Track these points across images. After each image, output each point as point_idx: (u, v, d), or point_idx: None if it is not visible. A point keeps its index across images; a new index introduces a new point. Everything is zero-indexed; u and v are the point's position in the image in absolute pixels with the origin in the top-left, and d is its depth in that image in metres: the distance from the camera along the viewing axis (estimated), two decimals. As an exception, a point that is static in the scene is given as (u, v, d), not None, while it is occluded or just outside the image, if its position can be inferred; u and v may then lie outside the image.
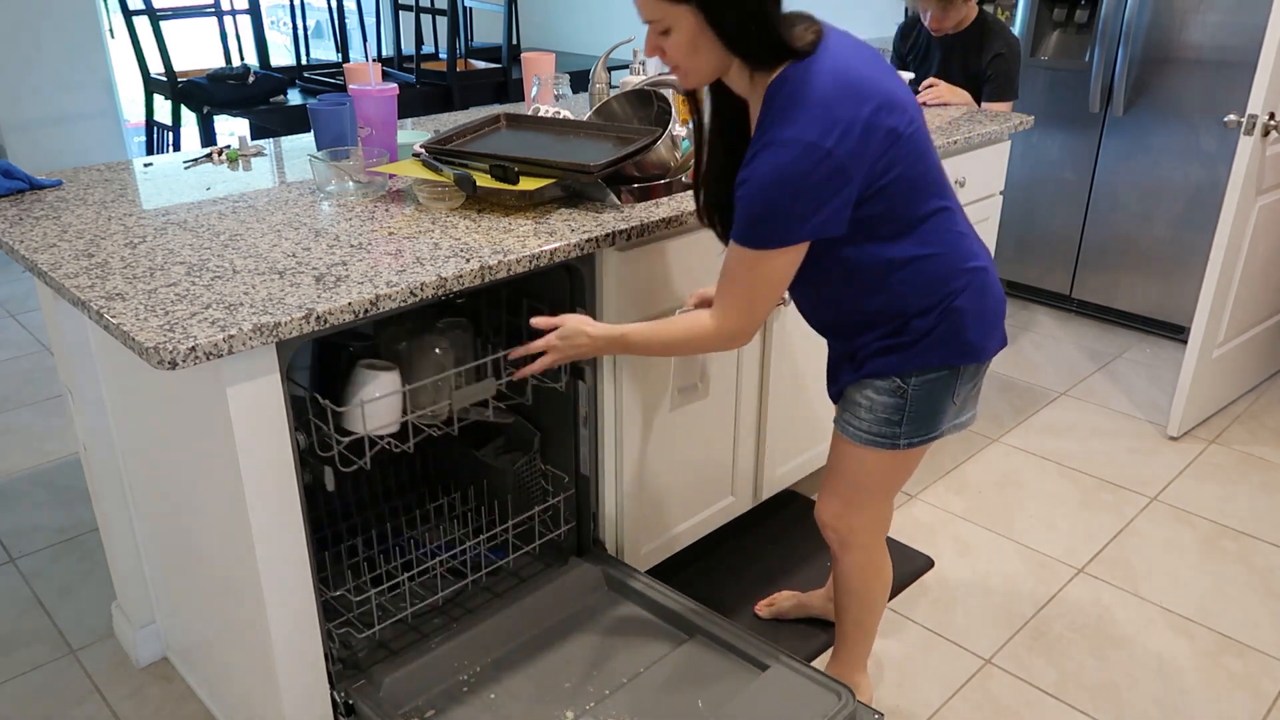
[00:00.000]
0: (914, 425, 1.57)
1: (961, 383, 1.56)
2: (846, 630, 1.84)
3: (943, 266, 1.48)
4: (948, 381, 1.54)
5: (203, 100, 3.98)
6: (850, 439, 1.63)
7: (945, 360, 1.52)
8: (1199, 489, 2.70)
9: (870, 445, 1.60)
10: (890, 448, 1.60)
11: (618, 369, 1.83)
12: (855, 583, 1.78)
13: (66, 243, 1.58)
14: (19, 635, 2.14)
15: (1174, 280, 3.55)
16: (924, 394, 1.54)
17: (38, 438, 2.95)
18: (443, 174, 1.75)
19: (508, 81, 4.48)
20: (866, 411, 1.58)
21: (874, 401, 1.57)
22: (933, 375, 1.53)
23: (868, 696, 1.91)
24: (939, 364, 1.52)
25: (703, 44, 1.34)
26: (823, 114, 1.31)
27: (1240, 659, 2.09)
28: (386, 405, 1.58)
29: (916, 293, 1.48)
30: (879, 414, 1.57)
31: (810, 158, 1.30)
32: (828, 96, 1.32)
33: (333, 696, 1.60)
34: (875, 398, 1.56)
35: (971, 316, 1.51)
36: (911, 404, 1.55)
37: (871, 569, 1.76)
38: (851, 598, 1.80)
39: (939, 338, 1.50)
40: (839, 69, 1.34)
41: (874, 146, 1.35)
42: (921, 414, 1.56)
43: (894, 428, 1.57)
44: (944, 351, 1.51)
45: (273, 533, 1.42)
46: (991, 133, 2.54)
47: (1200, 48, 3.27)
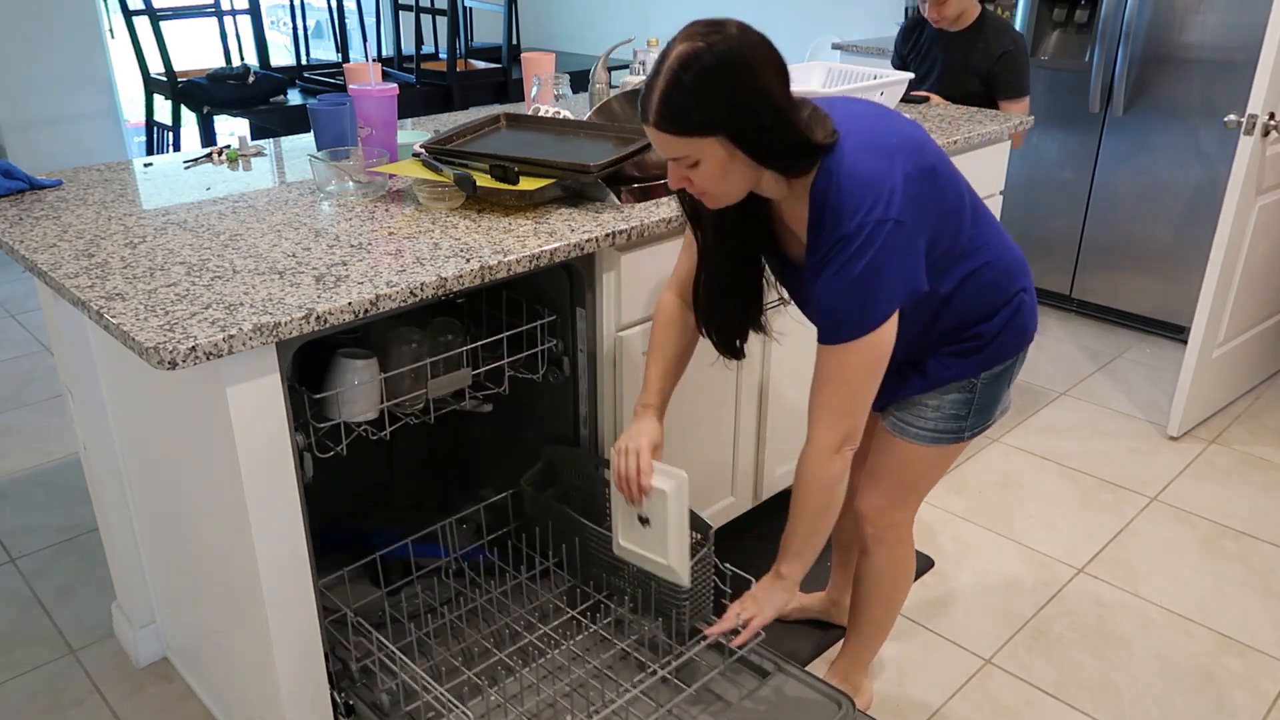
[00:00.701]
0: (978, 416, 1.62)
1: (1018, 365, 1.62)
2: (863, 628, 1.84)
3: (996, 270, 1.52)
4: (1010, 369, 1.60)
5: (203, 100, 3.98)
6: (911, 439, 1.64)
7: (1011, 352, 1.58)
8: (1199, 489, 2.70)
9: (934, 443, 1.63)
10: (954, 441, 1.63)
11: (617, 368, 1.83)
12: (884, 580, 1.78)
13: (66, 243, 1.58)
14: (19, 635, 2.14)
15: (1174, 280, 3.55)
16: (990, 386, 1.59)
17: (38, 438, 2.95)
18: (443, 174, 1.75)
19: (508, 81, 4.48)
20: (934, 411, 1.61)
21: (942, 400, 1.60)
22: (999, 368, 1.58)
23: (868, 697, 1.91)
24: (1008, 358, 1.57)
25: (733, 168, 1.33)
26: (874, 189, 1.32)
27: (1240, 659, 2.09)
28: (363, 392, 1.59)
29: (980, 303, 1.52)
30: (947, 411, 1.60)
31: (883, 232, 1.31)
32: (869, 172, 1.33)
33: (333, 696, 1.60)
34: (944, 397, 1.59)
35: (1029, 305, 1.57)
36: (979, 398, 1.60)
37: (902, 566, 1.78)
38: (877, 594, 1.80)
39: (1007, 334, 1.55)
40: (863, 141, 1.36)
41: (925, 192, 1.37)
42: (986, 405, 1.61)
43: (960, 422, 1.61)
44: (1011, 344, 1.57)
45: (273, 532, 1.42)
46: (991, 133, 2.54)
47: (1200, 48, 3.27)
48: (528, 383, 1.95)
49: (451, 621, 1.76)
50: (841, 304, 1.35)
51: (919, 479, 1.69)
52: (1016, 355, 1.59)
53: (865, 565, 1.79)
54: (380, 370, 1.63)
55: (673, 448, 2.04)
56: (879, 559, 1.76)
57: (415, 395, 1.70)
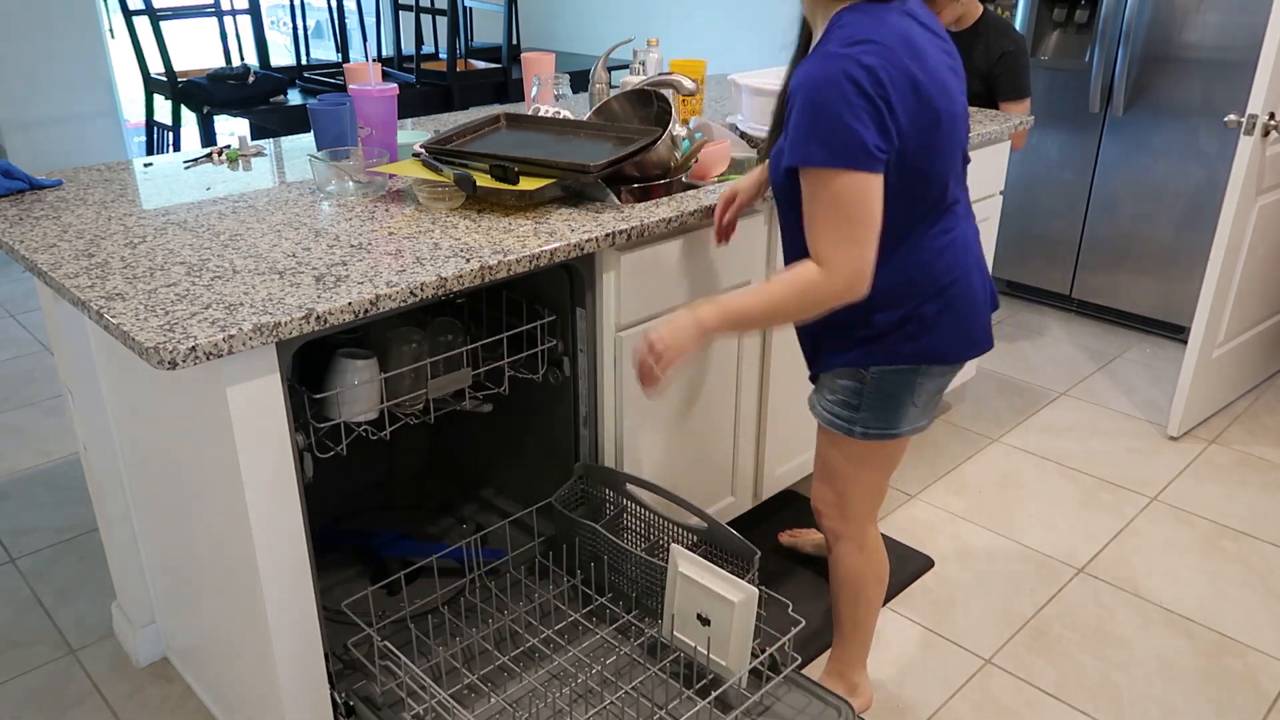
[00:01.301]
0: (872, 414, 1.58)
1: (923, 382, 1.56)
2: (843, 627, 1.85)
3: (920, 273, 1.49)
4: (908, 379, 1.55)
5: (203, 100, 3.98)
6: (817, 419, 1.67)
7: (906, 360, 1.53)
8: (1199, 489, 2.70)
9: (830, 428, 1.64)
10: (847, 434, 1.62)
11: (618, 368, 1.83)
12: (848, 575, 1.78)
13: (66, 243, 1.58)
14: (19, 635, 2.14)
15: (1174, 280, 3.55)
16: (880, 384, 1.56)
17: (38, 438, 2.95)
18: (443, 174, 1.75)
19: (508, 81, 4.48)
20: (830, 394, 1.63)
21: (835, 384, 1.61)
22: (891, 369, 1.54)
23: (866, 697, 1.91)
24: (900, 363, 1.53)
25: None
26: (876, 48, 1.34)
27: (1240, 659, 2.09)
28: (363, 392, 1.59)
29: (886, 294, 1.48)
30: (840, 395, 1.61)
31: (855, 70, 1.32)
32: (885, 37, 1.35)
33: (333, 696, 1.60)
34: (836, 380, 1.61)
35: (938, 327, 1.51)
36: (870, 392, 1.57)
37: (864, 561, 1.76)
38: (845, 590, 1.80)
39: (902, 339, 1.51)
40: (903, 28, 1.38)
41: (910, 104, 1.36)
42: (880, 407, 1.57)
43: (851, 412, 1.60)
44: (905, 352, 1.52)
45: (273, 532, 1.42)
46: (991, 133, 2.54)
47: (1200, 48, 3.27)
48: (528, 383, 1.95)
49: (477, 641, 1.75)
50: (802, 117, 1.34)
51: (843, 469, 1.68)
52: (915, 367, 1.53)
53: (830, 562, 1.81)
54: (380, 370, 1.63)
55: (674, 447, 2.04)
56: (838, 552, 1.77)
57: (415, 395, 1.71)
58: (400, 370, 1.67)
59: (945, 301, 1.51)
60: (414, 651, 1.70)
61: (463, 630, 1.77)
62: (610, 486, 1.86)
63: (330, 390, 1.58)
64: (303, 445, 1.49)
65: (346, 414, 1.60)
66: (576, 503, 1.89)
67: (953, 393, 3.19)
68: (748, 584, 1.54)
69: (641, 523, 1.84)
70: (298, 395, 1.57)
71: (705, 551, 1.72)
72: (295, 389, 1.57)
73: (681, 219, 1.79)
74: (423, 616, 1.79)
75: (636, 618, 1.78)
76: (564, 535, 1.84)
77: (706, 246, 1.91)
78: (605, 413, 1.86)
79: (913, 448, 2.88)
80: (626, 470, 1.93)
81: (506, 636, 1.77)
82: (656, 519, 1.81)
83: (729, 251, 1.96)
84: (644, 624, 1.77)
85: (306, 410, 1.58)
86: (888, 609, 2.21)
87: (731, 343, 2.07)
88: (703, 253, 1.91)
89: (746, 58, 4.74)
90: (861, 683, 1.90)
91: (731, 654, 1.57)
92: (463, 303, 1.96)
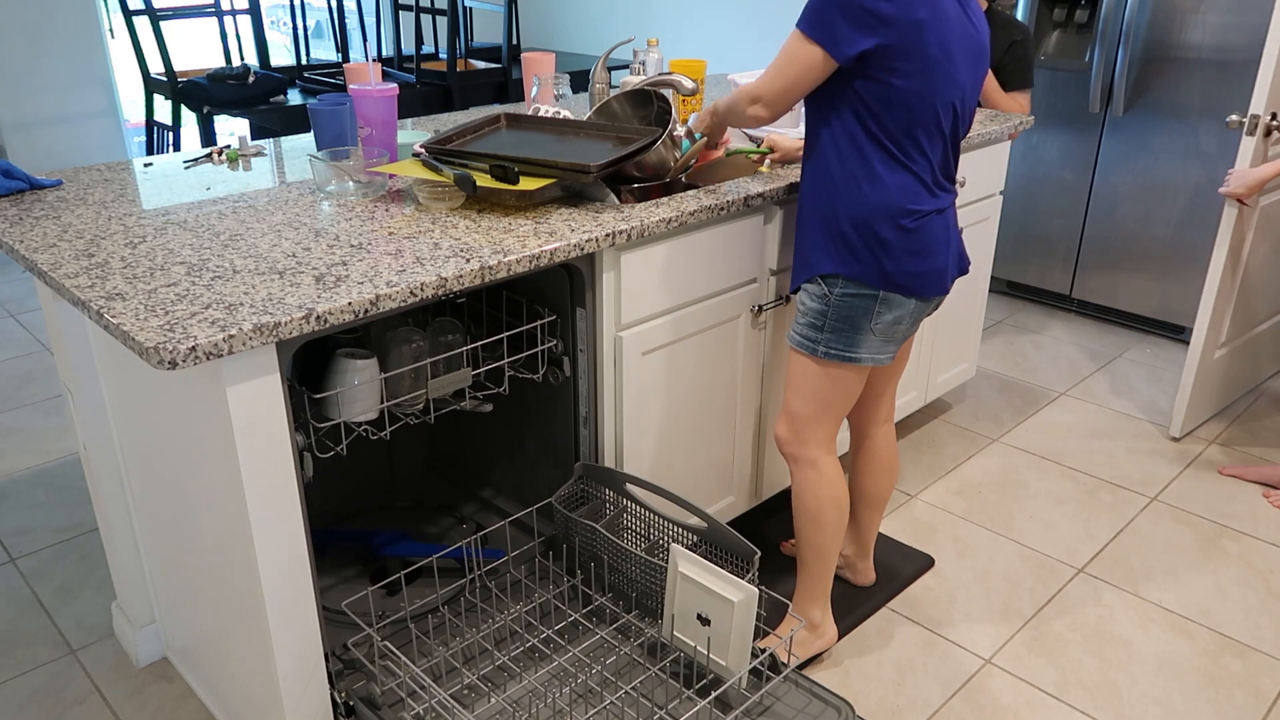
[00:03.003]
0: (834, 335, 1.76)
1: (881, 310, 1.73)
2: (805, 557, 1.93)
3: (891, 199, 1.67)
4: (868, 305, 1.72)
5: (203, 100, 3.98)
6: (790, 344, 1.83)
7: (868, 280, 1.70)
8: (1199, 489, 2.70)
9: (799, 348, 1.81)
10: (812, 353, 1.79)
11: (618, 368, 1.83)
12: (808, 499, 1.87)
13: (66, 243, 1.58)
14: (19, 635, 2.14)
15: (1174, 280, 3.55)
16: (843, 306, 1.73)
17: (38, 438, 2.95)
18: (443, 174, 1.75)
19: (508, 81, 4.48)
20: (802, 316, 1.80)
21: (806, 307, 1.79)
22: (853, 291, 1.72)
23: (829, 636, 1.96)
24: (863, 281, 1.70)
25: None
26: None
27: (1240, 659, 2.09)
28: (363, 392, 1.59)
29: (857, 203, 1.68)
30: (808, 318, 1.78)
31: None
32: None
33: (333, 696, 1.60)
34: (807, 302, 1.78)
35: (899, 254, 1.69)
36: (832, 312, 1.74)
37: (823, 485, 1.86)
38: (806, 517, 1.89)
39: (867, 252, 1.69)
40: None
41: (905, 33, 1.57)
42: (841, 326, 1.75)
43: (816, 333, 1.77)
44: (870, 273, 1.70)
45: (273, 532, 1.42)
46: (991, 133, 2.54)
47: (1200, 48, 3.27)
48: (528, 383, 1.95)
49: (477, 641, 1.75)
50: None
51: (804, 390, 1.83)
52: (875, 292, 1.71)
53: (792, 491, 1.92)
54: (380, 370, 1.63)
55: (674, 447, 2.04)
56: (798, 480, 1.89)
57: (415, 395, 1.71)
58: (400, 370, 1.67)
59: (907, 237, 1.69)
60: (414, 651, 1.70)
61: (463, 630, 1.77)
62: (610, 486, 1.86)
63: (330, 390, 1.58)
64: (303, 445, 1.49)
65: (346, 414, 1.60)
66: (576, 503, 1.89)
67: (953, 393, 3.19)
68: (748, 584, 1.54)
69: (641, 523, 1.84)
70: (298, 395, 1.57)
71: (705, 551, 1.72)
72: (295, 389, 1.57)
73: (681, 219, 1.79)
74: (423, 616, 1.79)
75: (636, 618, 1.78)
76: (564, 535, 1.84)
77: (706, 247, 1.91)
78: (605, 413, 1.86)
79: (913, 447, 2.88)
80: (626, 470, 1.93)
81: (506, 636, 1.77)
82: (656, 519, 1.81)
83: (729, 252, 1.96)
84: (644, 624, 1.77)
85: (306, 410, 1.58)
86: (887, 609, 2.21)
87: (731, 344, 2.07)
88: (703, 253, 1.91)
89: (746, 58, 4.74)
90: (823, 621, 1.96)
91: (731, 654, 1.57)
92: (463, 303, 1.96)
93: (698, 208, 1.81)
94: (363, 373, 1.59)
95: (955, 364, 2.91)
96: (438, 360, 1.72)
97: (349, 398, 1.59)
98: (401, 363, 1.69)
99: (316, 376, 1.61)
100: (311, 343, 1.58)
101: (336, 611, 1.74)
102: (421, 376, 1.71)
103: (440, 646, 1.72)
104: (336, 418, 1.61)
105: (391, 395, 1.68)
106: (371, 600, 1.81)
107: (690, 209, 1.80)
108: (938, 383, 2.86)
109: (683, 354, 1.96)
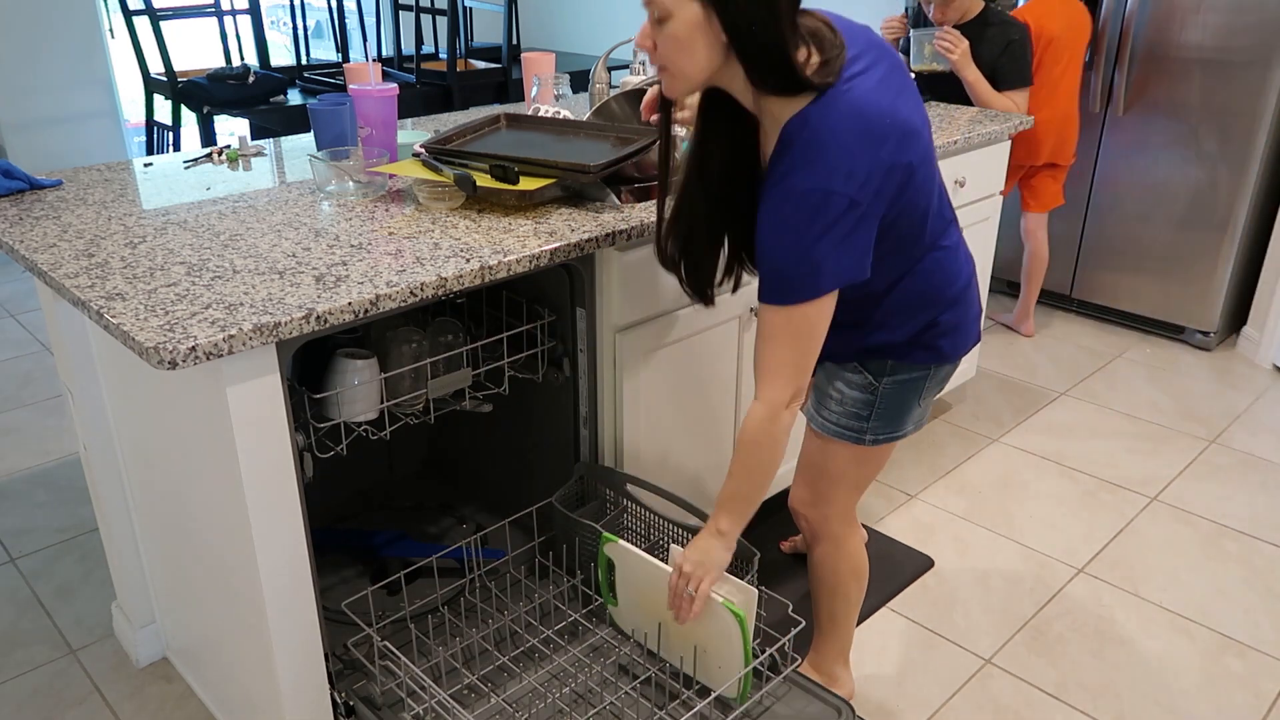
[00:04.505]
0: (881, 422, 1.61)
1: (931, 384, 1.60)
2: (821, 622, 1.87)
3: (932, 288, 1.50)
4: (918, 384, 1.58)
5: (203, 100, 3.98)
6: (818, 430, 1.67)
7: (919, 363, 1.55)
8: (1199, 489, 2.70)
9: (838, 438, 1.64)
10: (857, 442, 1.63)
11: (617, 368, 1.83)
12: (826, 573, 1.80)
13: (66, 243, 1.58)
14: (19, 635, 2.14)
15: (1174, 280, 3.55)
16: (894, 392, 1.58)
17: (38, 438, 2.95)
18: (443, 174, 1.75)
19: (508, 81, 4.48)
20: (837, 405, 1.62)
21: (844, 395, 1.61)
22: (904, 376, 1.56)
23: (848, 690, 1.91)
24: (913, 370, 1.56)
25: (700, 41, 1.25)
26: (845, 160, 1.27)
27: (1240, 659, 2.09)
28: (363, 392, 1.59)
29: (901, 310, 1.51)
30: (849, 408, 1.61)
31: (835, 205, 1.27)
32: (849, 142, 1.27)
33: (333, 696, 1.60)
34: (846, 391, 1.60)
35: (951, 332, 1.54)
36: (881, 400, 1.58)
37: (843, 559, 1.78)
38: (823, 588, 1.82)
39: (916, 348, 1.54)
40: (859, 107, 1.28)
41: (892, 186, 1.32)
42: (889, 412, 1.60)
43: (862, 422, 1.61)
44: (920, 357, 1.55)
45: (273, 532, 1.42)
46: (992, 133, 2.54)
47: (1200, 48, 3.27)
48: (527, 383, 1.95)
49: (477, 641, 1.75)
50: (782, 262, 1.31)
51: (836, 474, 1.69)
52: (927, 371, 1.56)
53: (809, 560, 1.82)
54: (380, 370, 1.63)
55: (674, 447, 2.04)
56: (818, 553, 1.79)
57: (415, 395, 1.71)
58: (400, 370, 1.67)
59: (962, 306, 1.55)
60: (414, 651, 1.70)
61: (463, 630, 1.77)
62: (610, 486, 1.86)
63: (330, 390, 1.58)
64: (303, 445, 1.49)
65: (346, 414, 1.60)
66: (576, 503, 1.89)
67: (952, 393, 3.19)
68: (748, 584, 1.54)
69: (641, 523, 1.84)
70: (298, 395, 1.57)
71: None
72: (295, 389, 1.57)
73: (681, 219, 1.78)
74: (423, 616, 1.79)
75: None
76: (564, 535, 1.84)
77: (706, 246, 1.91)
78: (605, 413, 1.86)
79: (912, 447, 2.88)
80: (626, 470, 1.93)
81: (506, 636, 1.77)
82: (656, 519, 1.81)
83: (729, 251, 1.96)
84: None
85: (306, 410, 1.58)
86: (887, 609, 2.21)
87: (731, 344, 2.07)
88: (703, 253, 1.91)
89: (746, 58, 4.72)
90: (842, 675, 1.91)
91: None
92: (463, 303, 1.96)
93: (698, 208, 1.81)
94: (363, 373, 1.59)
95: (955, 364, 2.90)
96: (438, 360, 1.72)
97: (349, 398, 1.59)
98: (401, 363, 1.69)
99: (316, 376, 1.61)
100: (311, 343, 1.58)
101: (336, 611, 1.74)
102: (421, 376, 1.71)
103: (440, 647, 1.72)
104: (336, 418, 1.61)
105: (391, 395, 1.67)
106: (371, 600, 1.80)
107: (690, 209, 1.80)
108: (938, 383, 2.85)
109: (683, 354, 1.96)
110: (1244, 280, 3.54)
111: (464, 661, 1.71)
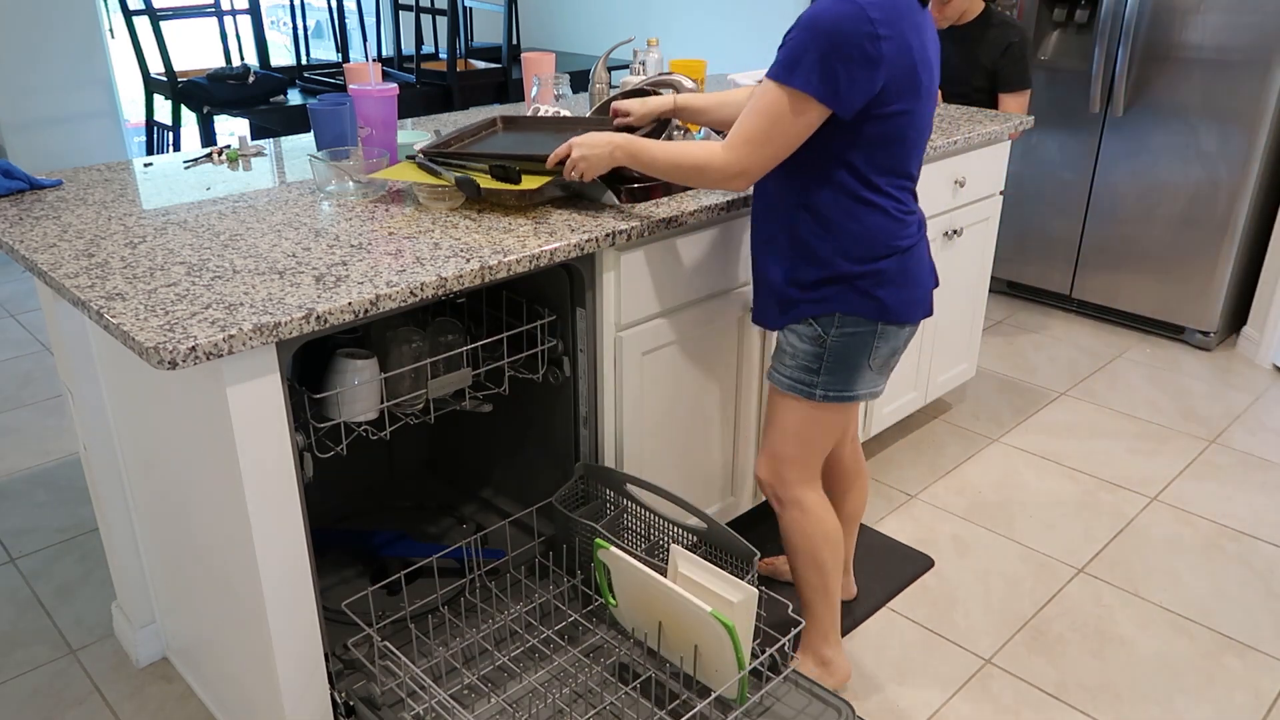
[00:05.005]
0: (831, 377, 1.68)
1: (879, 344, 1.67)
2: (807, 598, 1.88)
3: (876, 228, 1.60)
4: (866, 340, 1.65)
5: (203, 100, 3.98)
6: (775, 385, 1.76)
7: (865, 314, 1.63)
8: (1199, 489, 2.70)
9: (791, 392, 1.72)
10: (809, 397, 1.71)
11: (617, 368, 1.83)
12: (798, 539, 1.83)
13: (66, 243, 1.58)
14: (19, 635, 2.14)
15: (1174, 280, 3.55)
16: (841, 346, 1.66)
17: (38, 438, 2.95)
18: (443, 177, 1.75)
19: (508, 81, 4.48)
20: (790, 359, 1.71)
21: (796, 349, 1.69)
22: (850, 329, 1.64)
23: (844, 674, 1.92)
24: (859, 317, 1.63)
25: None
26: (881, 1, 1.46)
27: (1240, 659, 2.09)
28: (363, 392, 1.59)
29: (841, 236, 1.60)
30: (800, 361, 1.69)
31: (859, 20, 1.44)
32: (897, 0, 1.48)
33: (333, 696, 1.60)
34: (798, 345, 1.69)
35: (889, 281, 1.62)
36: (830, 354, 1.67)
37: (811, 523, 1.81)
38: (800, 558, 1.84)
39: (858, 291, 1.62)
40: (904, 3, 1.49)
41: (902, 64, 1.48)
42: (838, 366, 1.67)
43: (813, 375, 1.69)
44: (865, 307, 1.63)
45: (273, 532, 1.42)
46: (992, 133, 2.54)
47: (1200, 48, 3.27)
48: (528, 383, 1.95)
49: (477, 641, 1.75)
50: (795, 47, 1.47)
51: (791, 432, 1.76)
52: (872, 327, 1.64)
53: (781, 532, 1.86)
54: (380, 370, 1.63)
55: (674, 447, 2.04)
56: (786, 521, 1.83)
57: (415, 395, 1.71)
58: (400, 370, 1.67)
59: (901, 264, 1.63)
60: (414, 651, 1.70)
61: (463, 630, 1.77)
62: (610, 486, 1.86)
63: (330, 390, 1.59)
64: (303, 445, 1.49)
65: (346, 414, 1.60)
66: (576, 503, 1.89)
67: (953, 393, 3.19)
68: (747, 584, 1.54)
69: (641, 523, 1.84)
70: (298, 395, 1.57)
71: (705, 552, 1.72)
72: (295, 389, 1.57)
73: (681, 219, 1.79)
74: (423, 616, 1.79)
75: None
76: (564, 535, 1.84)
77: (706, 246, 1.91)
78: (605, 413, 1.86)
79: (912, 448, 2.88)
80: (626, 470, 1.93)
81: (506, 637, 1.77)
82: (656, 519, 1.81)
83: (729, 251, 1.96)
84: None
85: (306, 410, 1.58)
86: (887, 609, 2.21)
87: (731, 344, 2.07)
88: (703, 252, 1.91)
89: (746, 58, 4.74)
90: (835, 658, 1.91)
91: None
92: (463, 303, 1.96)
93: (698, 208, 1.81)
94: (363, 373, 1.59)
95: (955, 364, 2.91)
96: (438, 360, 1.72)
97: (349, 398, 1.59)
98: (401, 363, 1.69)
99: (316, 376, 1.61)
100: (311, 343, 1.58)
101: (336, 611, 1.74)
102: (421, 376, 1.71)
103: (440, 646, 1.72)
104: (336, 418, 1.61)
105: (391, 395, 1.68)
106: (371, 600, 1.81)
107: (690, 209, 1.80)
108: (938, 383, 2.86)
109: (683, 354, 1.97)
110: (1244, 280, 3.54)
111: (464, 661, 1.71)
